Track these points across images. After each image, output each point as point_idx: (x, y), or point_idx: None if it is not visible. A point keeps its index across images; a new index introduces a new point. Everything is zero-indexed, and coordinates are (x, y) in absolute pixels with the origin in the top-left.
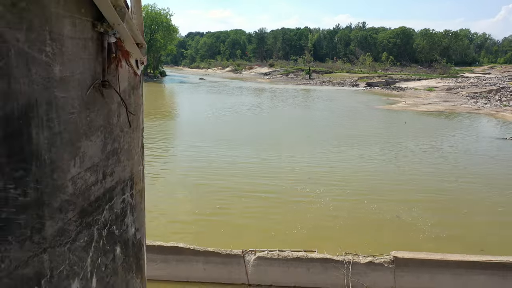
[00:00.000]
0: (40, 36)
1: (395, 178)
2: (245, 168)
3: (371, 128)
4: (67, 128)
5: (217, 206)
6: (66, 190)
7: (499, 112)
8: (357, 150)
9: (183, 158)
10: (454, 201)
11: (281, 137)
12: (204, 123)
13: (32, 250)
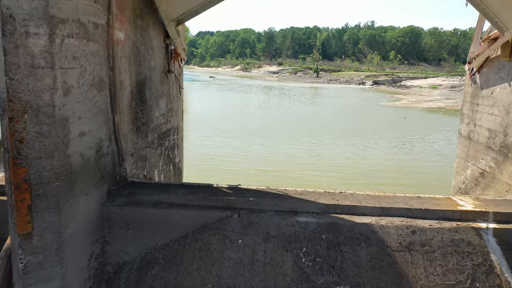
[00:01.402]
0: (147, 47)
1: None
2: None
3: (370, 123)
4: (154, 92)
5: (225, 175)
6: (154, 122)
7: None
8: (351, 141)
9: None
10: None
11: (284, 130)
12: (216, 117)
13: (143, 145)
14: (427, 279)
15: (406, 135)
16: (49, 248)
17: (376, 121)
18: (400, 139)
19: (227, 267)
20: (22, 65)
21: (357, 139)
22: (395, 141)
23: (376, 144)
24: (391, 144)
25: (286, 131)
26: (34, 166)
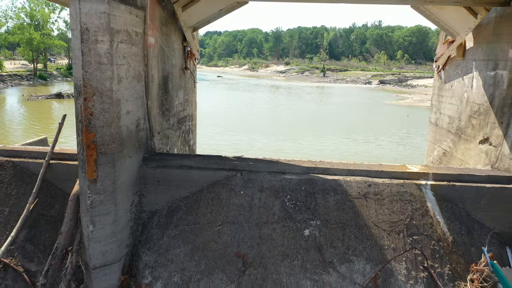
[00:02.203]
0: (170, 48)
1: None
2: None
3: (373, 120)
4: (174, 84)
5: None
6: (174, 108)
7: None
8: (352, 136)
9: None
10: None
11: (288, 125)
12: (225, 114)
13: (166, 126)
14: (377, 217)
15: (407, 131)
16: (107, 191)
17: (379, 119)
18: (400, 135)
19: (232, 210)
20: (93, 62)
21: (358, 135)
22: (395, 137)
23: (376, 139)
24: (391, 139)
25: (291, 128)
26: (99, 132)
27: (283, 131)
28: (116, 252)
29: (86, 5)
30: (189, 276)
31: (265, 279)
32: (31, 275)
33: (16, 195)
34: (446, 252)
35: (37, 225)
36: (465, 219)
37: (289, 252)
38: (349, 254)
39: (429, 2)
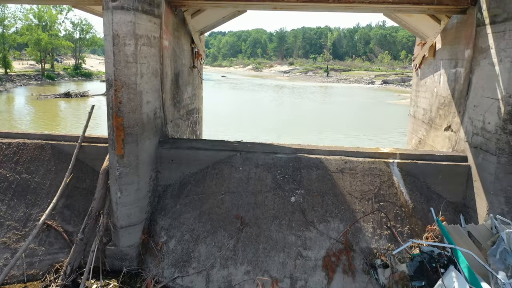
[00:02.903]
0: (180, 50)
1: None
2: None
3: (374, 119)
4: (184, 80)
5: None
6: (183, 101)
7: None
8: (351, 133)
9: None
10: None
11: (290, 123)
12: (229, 113)
13: (177, 116)
14: (350, 187)
15: (406, 129)
16: (132, 165)
17: (380, 117)
18: (400, 131)
19: (233, 182)
20: (121, 61)
21: (358, 133)
22: (394, 133)
23: (374, 136)
24: (390, 135)
25: (293, 126)
26: (126, 117)
27: (285, 128)
28: (138, 216)
29: (117, 16)
30: (197, 234)
31: (259, 235)
32: (69, 234)
33: (55, 171)
34: (406, 216)
35: (72, 195)
36: (425, 191)
37: (278, 214)
38: (327, 216)
39: (397, 11)
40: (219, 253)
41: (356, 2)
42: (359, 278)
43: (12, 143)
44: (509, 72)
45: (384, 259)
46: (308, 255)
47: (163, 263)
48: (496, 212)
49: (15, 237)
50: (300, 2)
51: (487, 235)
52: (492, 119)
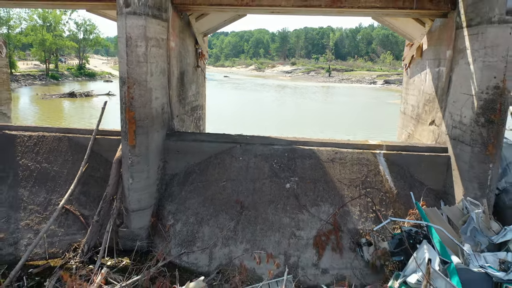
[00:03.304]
0: (185, 50)
1: None
2: None
3: (374, 118)
4: (189, 79)
5: None
6: (188, 98)
7: None
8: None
9: None
10: None
11: (292, 122)
12: (231, 112)
13: (182, 112)
14: (340, 175)
15: None
16: (143, 154)
17: (380, 117)
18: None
19: (233, 171)
20: (134, 61)
21: (358, 131)
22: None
23: (374, 134)
24: (388, 134)
25: (294, 125)
26: (137, 111)
27: (287, 128)
28: (148, 201)
29: (130, 20)
30: (201, 217)
31: (257, 218)
32: (85, 217)
33: (72, 161)
34: (391, 201)
35: (88, 183)
36: (408, 179)
37: (274, 199)
38: (318, 200)
39: (384, 15)
40: (221, 234)
41: (346, 7)
42: (346, 255)
43: (32, 135)
44: (481, 70)
45: (369, 238)
46: (301, 235)
47: (170, 243)
48: (471, 197)
49: (37, 219)
50: (295, 6)
51: (459, 216)
52: (468, 113)
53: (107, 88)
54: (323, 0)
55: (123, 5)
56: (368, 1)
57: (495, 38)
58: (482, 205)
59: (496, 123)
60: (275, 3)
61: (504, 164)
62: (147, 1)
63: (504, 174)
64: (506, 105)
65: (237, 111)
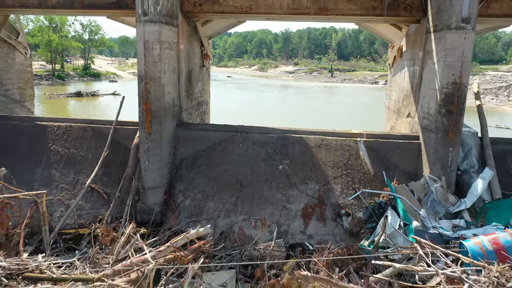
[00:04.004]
0: (192, 51)
1: None
2: None
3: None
4: (195, 77)
5: None
6: (195, 94)
7: (500, 106)
8: None
9: None
10: None
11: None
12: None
13: (190, 106)
14: (325, 158)
15: None
16: (157, 140)
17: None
18: None
19: (234, 155)
20: (150, 61)
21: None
22: None
23: None
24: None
25: (295, 124)
26: (153, 103)
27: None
28: (161, 181)
29: (147, 27)
30: (206, 194)
31: (254, 194)
32: (107, 195)
33: (95, 147)
34: (368, 180)
35: (109, 166)
36: (384, 162)
37: (269, 178)
38: (306, 179)
39: (365, 21)
40: (223, 207)
41: (331, 14)
42: (329, 224)
43: (61, 125)
44: (442, 69)
45: (348, 210)
46: (291, 208)
47: (180, 215)
48: (435, 176)
49: (67, 196)
50: (288, 14)
51: (422, 189)
52: (433, 105)
53: (112, 88)
54: (311, 9)
55: (142, 14)
56: (350, 9)
57: (453, 42)
58: (441, 180)
59: (455, 113)
60: (270, 11)
61: (466, 150)
62: (161, 11)
63: (465, 158)
64: (462, 98)
65: (239, 111)
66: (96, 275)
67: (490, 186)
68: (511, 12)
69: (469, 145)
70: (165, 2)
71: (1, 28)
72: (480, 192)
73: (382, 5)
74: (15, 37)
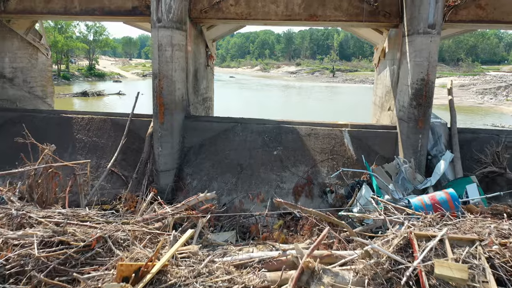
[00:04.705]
0: (198, 52)
1: None
2: None
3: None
4: (201, 75)
5: None
6: (200, 90)
7: (498, 106)
8: None
9: None
10: None
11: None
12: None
13: (196, 101)
14: (314, 145)
15: None
16: (168, 129)
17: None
18: None
19: (235, 143)
20: (163, 61)
21: None
22: None
23: None
24: None
25: None
26: (165, 97)
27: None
28: (172, 164)
29: (161, 32)
30: (211, 176)
31: (252, 175)
32: (125, 177)
33: (114, 136)
34: (351, 164)
35: (126, 152)
36: (366, 149)
37: (265, 162)
38: (297, 162)
39: (349, 26)
40: (225, 187)
41: (320, 20)
42: (316, 200)
43: (84, 117)
44: (413, 68)
45: (332, 188)
46: (284, 187)
47: (188, 194)
48: (408, 159)
49: (91, 177)
50: (282, 20)
51: (394, 170)
52: (406, 99)
53: (117, 88)
54: (302, 15)
55: (156, 21)
56: (336, 16)
57: (421, 44)
58: (410, 162)
59: (423, 105)
60: (267, 18)
61: (436, 138)
62: (173, 18)
63: (435, 144)
64: (430, 92)
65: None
66: (131, 220)
67: (454, 168)
68: (476, 18)
69: (438, 134)
70: (176, 10)
71: (28, 32)
72: (442, 171)
73: (364, 12)
74: (38, 39)
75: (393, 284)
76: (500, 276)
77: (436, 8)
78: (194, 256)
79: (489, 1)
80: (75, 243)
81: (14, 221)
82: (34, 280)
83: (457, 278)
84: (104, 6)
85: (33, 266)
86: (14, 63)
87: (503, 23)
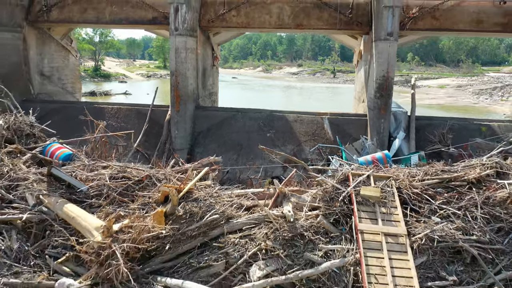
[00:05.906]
0: (206, 54)
1: None
2: None
3: None
4: (208, 73)
5: None
6: (207, 86)
7: (492, 106)
8: None
9: None
10: None
11: None
12: None
13: (204, 94)
14: (300, 129)
15: None
16: (183, 116)
17: None
18: None
19: (236, 127)
20: (179, 62)
21: None
22: None
23: None
24: None
25: None
26: (181, 90)
27: None
28: (185, 144)
29: (177, 38)
30: (217, 154)
31: (249, 153)
32: (148, 155)
33: (138, 123)
34: (329, 143)
35: (148, 135)
36: (342, 132)
37: (260, 142)
38: (285, 142)
39: (330, 33)
40: (229, 162)
41: (305, 28)
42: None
43: (113, 107)
44: (377, 66)
45: (312, 162)
46: (274, 161)
47: None
48: (373, 140)
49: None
50: (275, 28)
51: (360, 146)
52: (372, 92)
53: (122, 88)
54: (291, 24)
55: (174, 29)
56: (318, 25)
57: (382, 48)
58: (372, 140)
59: (385, 96)
60: (262, 26)
61: (398, 123)
62: (187, 27)
63: (396, 128)
64: (390, 86)
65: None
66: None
67: (409, 147)
68: (431, 27)
69: (399, 120)
70: (189, 21)
71: (64, 37)
72: (397, 146)
73: (341, 22)
74: (69, 43)
75: (334, 201)
76: (403, 197)
77: (393, 21)
78: (209, 188)
79: (442, 13)
80: (133, 177)
81: (87, 168)
82: (111, 197)
83: (373, 196)
84: (129, 16)
85: (106, 191)
86: (51, 63)
87: (454, 30)
